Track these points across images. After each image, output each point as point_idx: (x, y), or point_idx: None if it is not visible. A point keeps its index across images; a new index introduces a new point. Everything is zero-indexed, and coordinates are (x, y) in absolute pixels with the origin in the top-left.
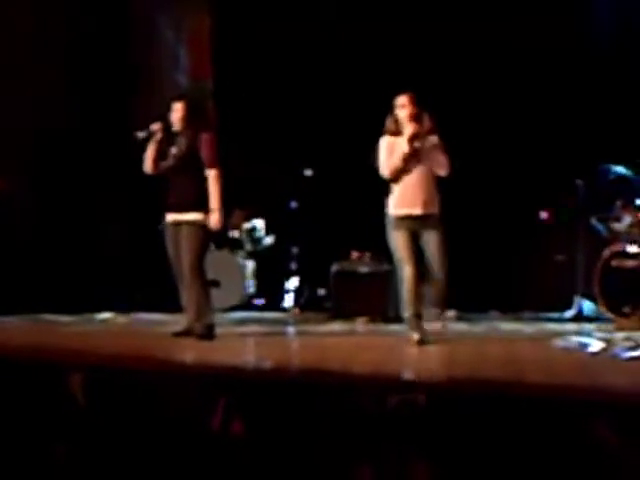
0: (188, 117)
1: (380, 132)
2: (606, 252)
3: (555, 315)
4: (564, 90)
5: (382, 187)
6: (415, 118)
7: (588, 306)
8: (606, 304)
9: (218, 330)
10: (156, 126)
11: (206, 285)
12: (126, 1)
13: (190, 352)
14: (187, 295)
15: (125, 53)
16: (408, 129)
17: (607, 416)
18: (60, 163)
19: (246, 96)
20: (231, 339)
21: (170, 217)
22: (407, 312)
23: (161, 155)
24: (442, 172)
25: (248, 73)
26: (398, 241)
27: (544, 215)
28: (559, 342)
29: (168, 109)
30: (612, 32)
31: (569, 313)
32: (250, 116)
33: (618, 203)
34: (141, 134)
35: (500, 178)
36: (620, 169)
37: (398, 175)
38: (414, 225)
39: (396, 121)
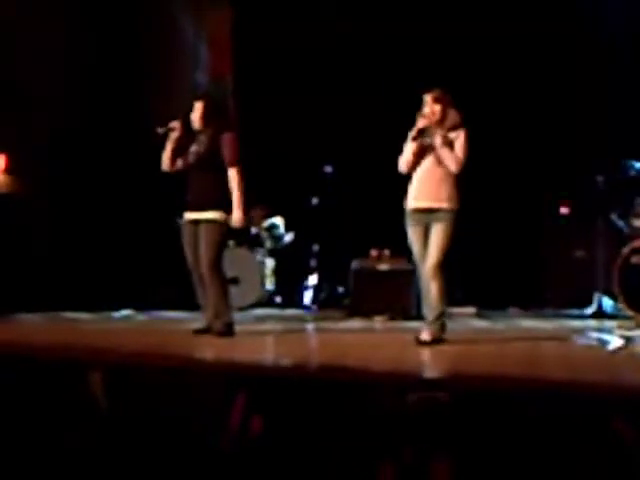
0: (208, 116)
1: (398, 130)
2: (626, 249)
3: (575, 312)
4: (584, 86)
5: (402, 184)
6: (442, 119)
7: (608, 303)
8: (626, 301)
9: (238, 327)
10: (175, 123)
11: (225, 283)
12: (146, 1)
13: (209, 349)
14: (206, 293)
15: (144, 51)
16: (417, 122)
17: (627, 413)
18: (78, 162)
19: (266, 93)
20: (250, 336)
21: (188, 215)
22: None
23: (179, 153)
24: (452, 167)
25: (268, 70)
26: (410, 236)
27: (564, 210)
28: (579, 339)
29: (188, 108)
30: (627, 29)
31: (589, 310)
32: (270, 113)
33: (638, 199)
34: (161, 130)
35: (520, 174)
36: None
37: (410, 169)
38: (423, 218)
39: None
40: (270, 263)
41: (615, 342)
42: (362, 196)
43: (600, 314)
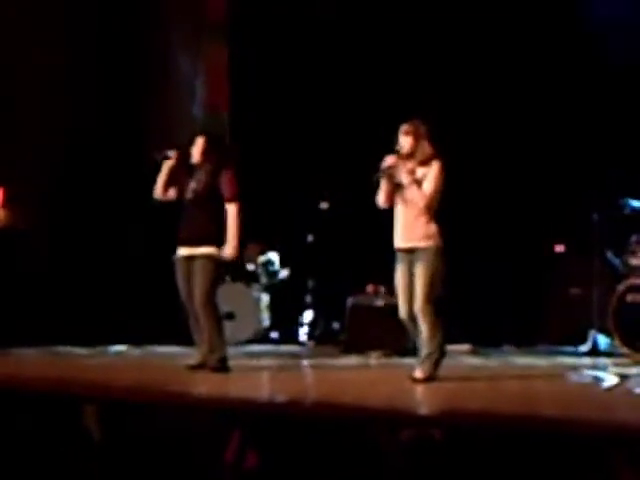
0: (208, 151)
1: None
2: (621, 287)
3: (570, 349)
4: (582, 124)
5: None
6: (413, 152)
7: (603, 340)
8: (621, 338)
9: (233, 363)
10: (172, 152)
11: (219, 318)
12: (142, 32)
13: (205, 385)
14: (200, 328)
15: (141, 84)
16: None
17: (622, 450)
18: (74, 196)
19: (262, 128)
20: (246, 372)
21: (183, 251)
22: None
23: (172, 182)
24: (420, 204)
25: (265, 105)
26: (395, 276)
27: (560, 248)
28: (574, 376)
29: (185, 140)
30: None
31: (584, 347)
32: (266, 149)
33: (634, 237)
34: (157, 156)
35: (515, 210)
36: (636, 203)
37: (390, 205)
38: (406, 258)
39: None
40: (266, 299)
41: (610, 380)
42: (358, 232)
43: (595, 352)
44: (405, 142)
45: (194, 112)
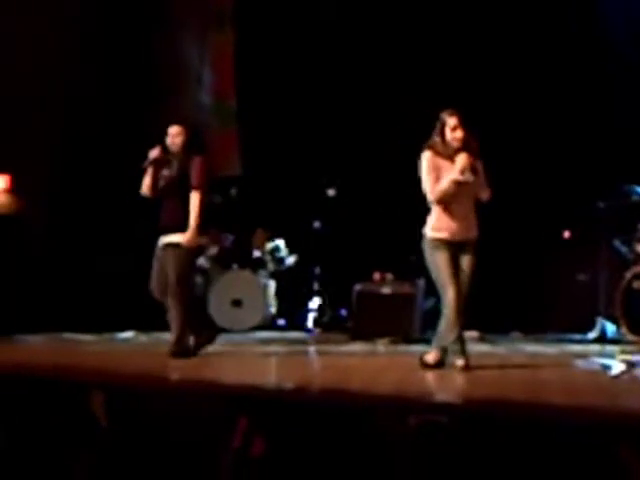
0: (188, 141)
1: (402, 153)
2: (628, 274)
3: (577, 336)
4: (587, 111)
5: (405, 208)
6: (465, 145)
7: (610, 328)
8: (628, 326)
9: (240, 349)
10: (155, 152)
11: (186, 305)
12: (149, 23)
13: (211, 371)
14: (170, 314)
15: (148, 73)
16: (461, 159)
17: (629, 438)
18: (80, 182)
19: (269, 115)
20: (253, 359)
21: (161, 239)
22: (451, 336)
23: (158, 179)
24: (484, 197)
25: (272, 92)
26: (439, 262)
27: (567, 235)
28: (581, 363)
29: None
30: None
31: (591, 334)
32: (273, 136)
33: None
34: (147, 164)
35: (522, 198)
36: None
37: (443, 200)
38: (453, 248)
39: (444, 141)
40: (273, 286)
41: (617, 367)
42: (365, 219)
43: (602, 339)
44: (464, 137)
45: (202, 100)
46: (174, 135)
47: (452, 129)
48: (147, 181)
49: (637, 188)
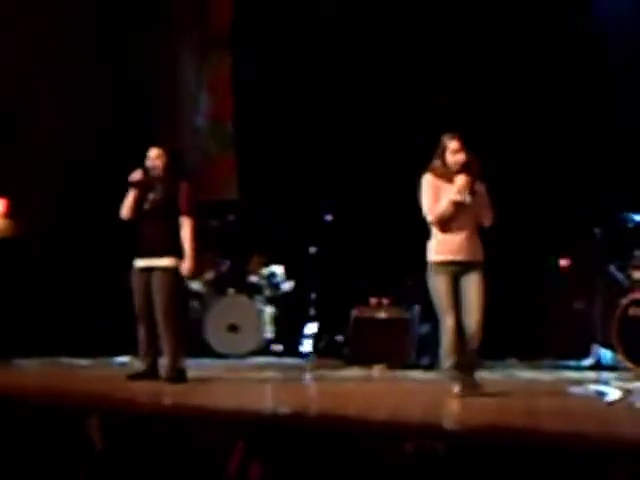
0: (168, 164)
1: (398, 179)
2: (624, 301)
3: (573, 363)
4: (584, 138)
5: (401, 233)
6: (466, 167)
7: (606, 354)
8: (624, 353)
9: (236, 375)
10: (136, 175)
11: (181, 330)
12: (148, 45)
13: (208, 396)
14: (151, 340)
15: (145, 96)
16: (459, 179)
17: (624, 465)
18: (78, 206)
19: (265, 140)
20: (249, 384)
21: (140, 262)
22: (447, 363)
23: (141, 201)
24: (486, 222)
25: (268, 116)
26: (439, 287)
27: (563, 262)
28: (577, 390)
29: (189, 153)
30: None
31: (587, 361)
32: (269, 160)
33: (637, 251)
34: (133, 186)
35: (519, 224)
36: (639, 217)
37: (444, 222)
38: (456, 270)
39: (445, 164)
40: (269, 311)
41: (613, 394)
42: (361, 245)
43: (598, 366)
44: (462, 157)
45: (197, 123)
46: (154, 158)
47: (453, 152)
48: (128, 203)
49: (633, 215)
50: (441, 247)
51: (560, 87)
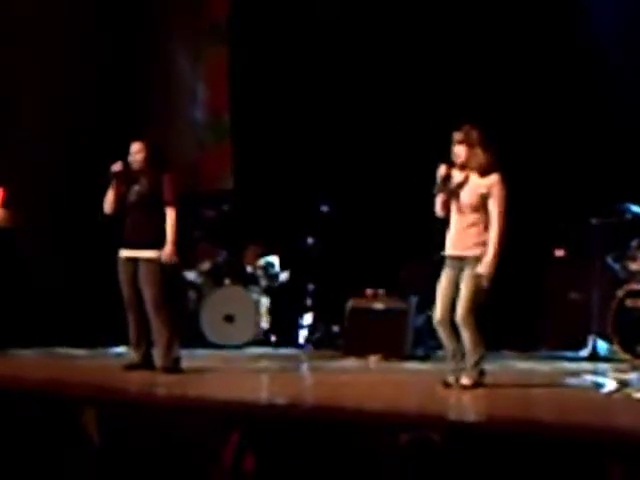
0: (150, 157)
1: (397, 169)
2: (621, 292)
3: (569, 354)
4: (582, 129)
5: (398, 223)
6: (468, 162)
7: (603, 345)
8: (621, 343)
9: (232, 366)
10: (117, 167)
11: (172, 319)
12: (144, 36)
13: (203, 387)
14: (155, 331)
15: (142, 88)
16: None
17: (619, 456)
18: (76, 196)
19: (263, 131)
20: (245, 375)
21: (126, 253)
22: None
23: (122, 195)
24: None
25: (266, 108)
26: (440, 280)
27: (559, 253)
28: (573, 381)
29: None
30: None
31: (584, 352)
32: (266, 151)
33: (634, 242)
34: (114, 176)
35: (515, 215)
36: (636, 208)
37: (440, 213)
38: (456, 265)
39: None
40: (265, 302)
41: (609, 385)
42: (358, 235)
43: (595, 357)
44: (460, 151)
45: (195, 116)
46: (135, 152)
47: (453, 145)
48: (109, 198)
49: (630, 206)
50: (446, 241)
51: (558, 77)
